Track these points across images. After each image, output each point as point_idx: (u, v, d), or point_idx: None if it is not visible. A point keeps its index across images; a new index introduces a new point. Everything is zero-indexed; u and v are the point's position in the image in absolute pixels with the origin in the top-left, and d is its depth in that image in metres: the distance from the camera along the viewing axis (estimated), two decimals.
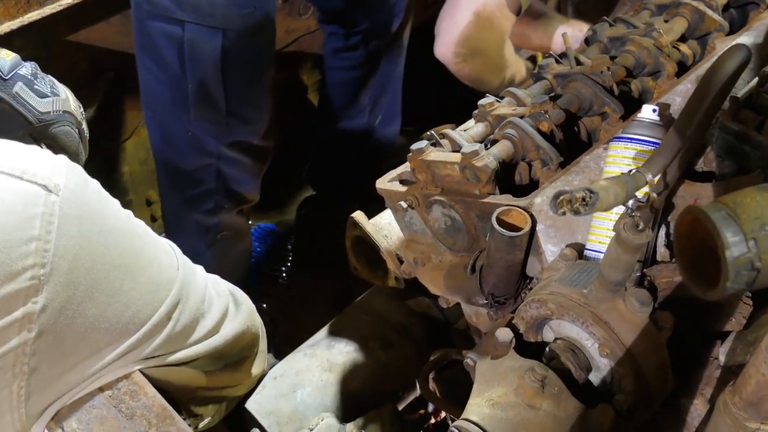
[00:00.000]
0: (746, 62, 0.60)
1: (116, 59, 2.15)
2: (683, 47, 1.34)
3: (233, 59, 1.72)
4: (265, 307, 2.39)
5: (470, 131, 1.22)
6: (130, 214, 0.89)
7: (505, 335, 0.94)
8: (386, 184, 1.26)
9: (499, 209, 1.01)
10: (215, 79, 1.73)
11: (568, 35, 1.32)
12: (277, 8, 1.79)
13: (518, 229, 1.00)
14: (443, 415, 1.56)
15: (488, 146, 1.14)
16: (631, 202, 0.70)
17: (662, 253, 1.00)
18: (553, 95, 1.22)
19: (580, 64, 1.28)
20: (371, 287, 1.59)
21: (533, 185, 1.13)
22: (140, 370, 0.92)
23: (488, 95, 1.28)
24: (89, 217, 0.79)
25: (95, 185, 0.83)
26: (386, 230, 1.39)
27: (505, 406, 0.88)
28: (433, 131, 1.20)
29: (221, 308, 1.02)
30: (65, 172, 0.78)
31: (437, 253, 1.22)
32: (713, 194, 1.00)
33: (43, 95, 1.05)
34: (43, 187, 0.75)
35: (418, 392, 1.47)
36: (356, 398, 1.39)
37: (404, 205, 1.20)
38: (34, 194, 0.74)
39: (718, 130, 1.10)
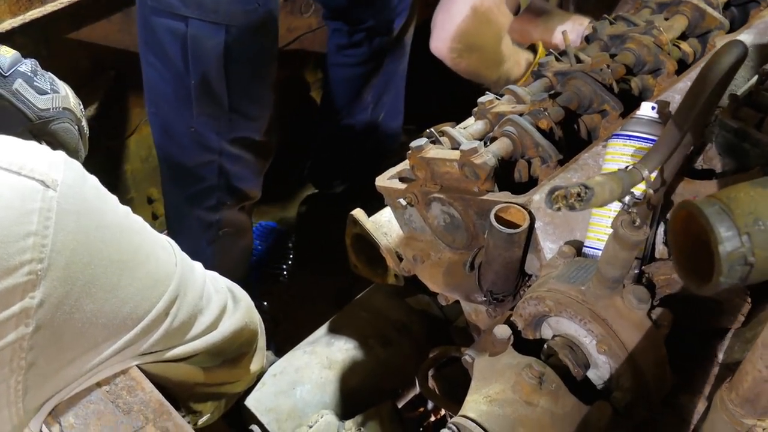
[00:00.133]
0: (742, 58, 0.60)
1: (117, 57, 2.15)
2: (684, 45, 1.34)
3: (236, 55, 1.72)
4: (265, 305, 2.39)
5: (470, 129, 1.22)
6: (128, 210, 0.89)
7: (503, 332, 0.94)
8: (386, 181, 1.26)
9: (497, 206, 1.01)
10: (218, 75, 1.73)
11: (568, 32, 1.32)
12: (279, 6, 1.80)
13: (517, 226, 1.00)
14: (443, 412, 1.56)
15: (487, 144, 1.14)
16: (627, 198, 0.70)
17: (661, 250, 1.00)
18: (552, 93, 1.22)
19: (580, 61, 1.28)
20: (371, 285, 1.60)
21: (532, 183, 1.13)
22: (138, 365, 0.92)
23: (488, 93, 1.28)
24: (87, 212, 0.79)
25: (93, 181, 0.84)
26: (386, 228, 1.39)
27: (502, 402, 0.88)
28: (432, 129, 1.21)
29: (219, 304, 1.02)
30: (63, 167, 0.78)
31: (436, 250, 1.22)
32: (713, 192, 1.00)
33: (42, 92, 1.05)
34: (40, 182, 0.75)
35: (417, 390, 1.47)
36: (355, 396, 1.39)
37: (403, 202, 1.20)
38: (31, 189, 0.74)
39: (717, 127, 1.10)
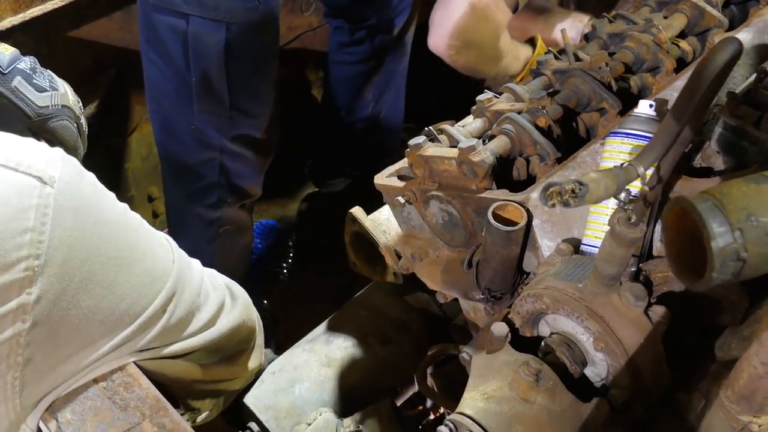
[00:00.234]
0: (737, 55, 0.60)
1: (118, 55, 2.15)
2: (683, 44, 1.34)
3: (237, 53, 1.73)
4: (265, 303, 2.39)
5: (468, 127, 1.22)
6: (125, 206, 0.89)
7: (500, 330, 0.94)
8: (384, 179, 1.26)
9: (495, 204, 1.01)
10: (219, 72, 1.73)
11: (567, 29, 1.32)
12: (280, 4, 1.80)
13: (514, 223, 1.00)
14: (442, 410, 1.56)
15: (486, 142, 1.14)
16: (623, 195, 0.70)
17: (658, 247, 1.00)
18: (551, 91, 1.22)
19: (578, 60, 1.28)
20: (370, 283, 1.60)
21: (531, 181, 1.13)
22: (135, 362, 0.92)
23: (487, 91, 1.28)
24: (84, 209, 0.80)
25: (91, 178, 0.84)
26: (385, 226, 1.39)
27: (499, 399, 0.88)
28: (431, 127, 1.21)
29: (217, 301, 1.02)
30: (60, 164, 0.79)
31: (435, 248, 1.22)
32: None
33: (41, 89, 1.06)
34: (38, 178, 0.75)
35: (416, 388, 1.47)
36: (354, 393, 1.39)
37: (402, 200, 1.20)
38: (29, 186, 0.75)
39: (716, 125, 1.10)
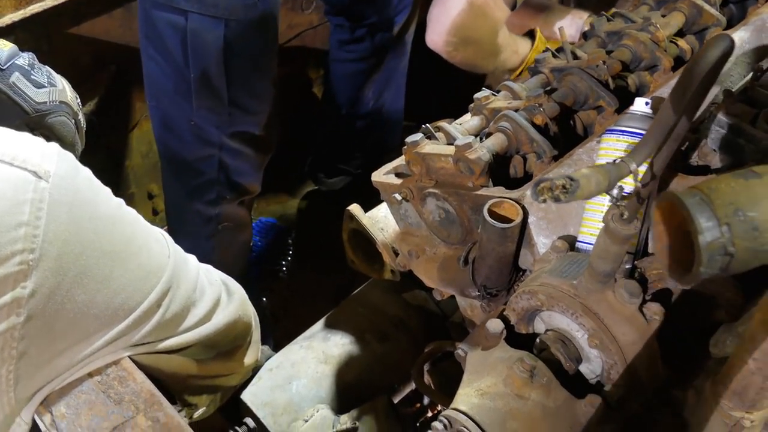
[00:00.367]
0: (729, 51, 0.60)
1: (118, 53, 2.16)
2: (681, 42, 1.34)
3: (236, 50, 1.73)
4: (264, 301, 2.40)
5: (465, 124, 1.22)
6: (121, 201, 0.89)
7: (495, 326, 0.94)
8: (382, 176, 1.26)
9: (490, 201, 1.01)
10: (218, 69, 1.74)
11: (567, 26, 1.32)
12: (280, 1, 1.80)
13: (510, 221, 1.00)
14: (439, 408, 1.56)
15: (483, 139, 1.14)
16: (615, 191, 0.70)
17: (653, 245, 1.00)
18: (548, 89, 1.22)
19: (576, 58, 1.28)
20: (368, 280, 1.60)
21: (528, 178, 1.13)
22: (130, 356, 0.93)
23: (485, 89, 1.28)
24: (79, 203, 0.80)
25: (86, 173, 0.84)
26: (382, 223, 1.39)
27: (493, 395, 0.88)
28: (428, 124, 1.21)
29: (213, 297, 1.02)
30: (56, 159, 0.79)
31: (431, 245, 1.23)
32: None
33: (39, 85, 1.06)
34: (33, 173, 0.75)
35: (414, 385, 1.48)
36: (352, 390, 1.40)
37: (399, 197, 1.20)
38: (23, 180, 0.75)
39: (712, 123, 1.10)
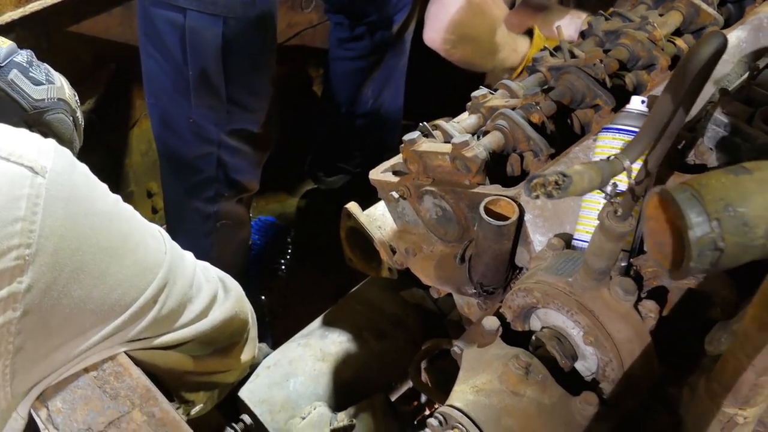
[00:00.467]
0: (722, 48, 0.60)
1: (118, 51, 2.16)
2: (678, 41, 1.34)
3: (234, 47, 1.73)
4: (263, 299, 2.40)
5: (463, 123, 1.23)
6: (118, 198, 0.90)
7: (491, 323, 0.95)
8: (379, 174, 1.27)
9: (487, 199, 1.02)
10: (216, 66, 1.74)
11: (566, 26, 1.32)
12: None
13: (506, 218, 1.00)
14: (437, 406, 1.56)
15: (480, 137, 1.15)
16: (609, 188, 0.70)
17: None
18: (545, 88, 1.22)
19: (574, 57, 1.28)
20: (366, 278, 1.60)
21: (525, 176, 1.14)
22: (126, 352, 0.93)
23: (482, 87, 1.28)
24: (76, 199, 0.80)
25: (83, 169, 0.84)
26: (380, 221, 1.39)
27: (489, 392, 0.89)
28: (425, 123, 1.21)
29: (210, 293, 1.02)
30: (52, 154, 0.79)
31: (428, 243, 1.23)
32: None
33: (38, 83, 1.06)
34: (29, 168, 0.76)
35: (412, 383, 1.48)
36: (349, 388, 1.40)
37: (396, 195, 1.20)
38: (20, 176, 0.75)
39: (709, 122, 1.10)
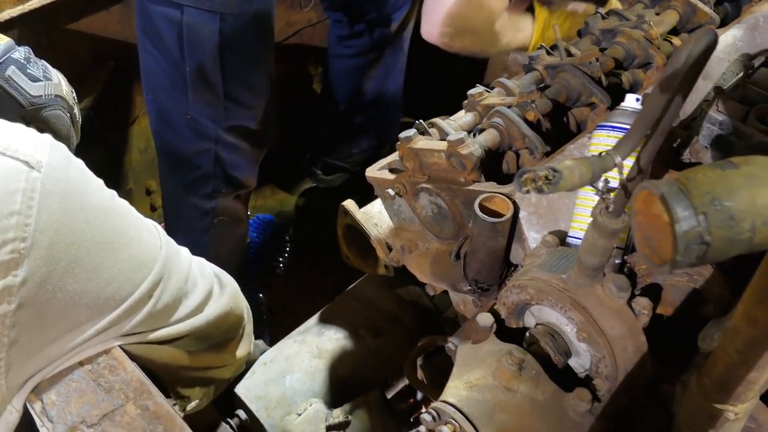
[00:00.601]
0: (713, 45, 0.61)
1: (117, 49, 2.17)
2: (675, 40, 1.35)
3: (231, 43, 1.74)
4: (261, 297, 2.41)
5: (459, 121, 1.23)
6: (113, 193, 0.90)
7: (485, 320, 0.95)
8: (375, 172, 1.27)
9: (481, 196, 1.02)
10: (213, 62, 1.75)
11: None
12: None
13: (501, 215, 1.01)
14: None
15: (476, 135, 1.15)
16: (601, 184, 0.70)
17: None
18: (541, 86, 1.23)
19: (570, 55, 1.29)
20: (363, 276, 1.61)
21: None
22: (121, 346, 0.94)
23: (478, 85, 1.28)
24: (71, 194, 0.80)
25: (78, 164, 0.85)
26: (377, 219, 1.39)
27: (482, 388, 0.89)
28: (421, 120, 1.22)
29: (205, 289, 1.03)
30: (48, 149, 0.80)
31: (424, 240, 1.23)
32: None
33: (35, 79, 1.07)
34: (25, 163, 0.76)
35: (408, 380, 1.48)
36: (345, 385, 1.40)
37: (392, 192, 1.21)
38: (15, 170, 0.76)
39: (704, 120, 1.11)
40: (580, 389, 0.88)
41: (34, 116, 1.07)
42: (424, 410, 1.60)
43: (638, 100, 0.98)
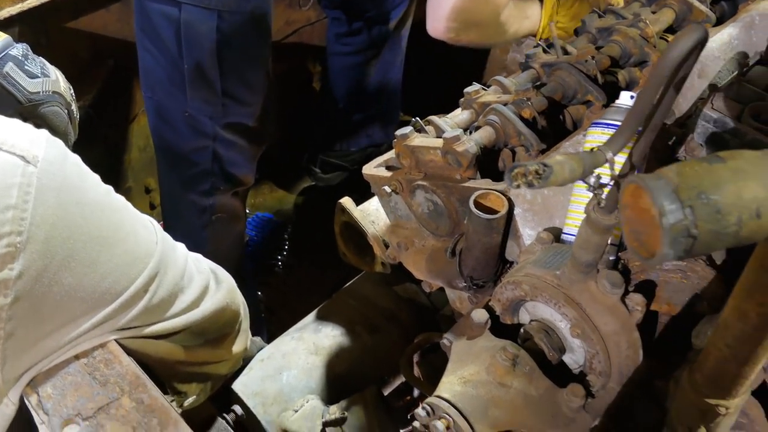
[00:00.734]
0: (703, 41, 0.61)
1: (116, 47, 2.17)
2: (671, 38, 1.35)
3: (229, 41, 1.75)
4: (260, 295, 2.41)
5: (455, 118, 1.24)
6: (109, 188, 0.90)
7: (480, 316, 0.96)
8: (372, 169, 1.27)
9: (477, 193, 1.02)
10: (211, 59, 1.76)
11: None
12: None
13: (496, 212, 1.01)
14: None
15: (472, 133, 1.16)
16: (592, 180, 0.71)
17: None
18: (537, 84, 1.23)
19: (566, 53, 1.29)
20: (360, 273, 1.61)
21: None
22: (116, 340, 0.94)
23: (475, 83, 1.29)
24: (67, 188, 0.81)
25: (75, 159, 0.85)
26: (373, 216, 1.40)
27: (476, 383, 0.90)
28: (418, 118, 1.22)
29: (201, 284, 1.03)
30: (44, 144, 0.80)
31: (420, 237, 1.24)
32: None
33: (33, 76, 1.07)
34: (21, 158, 0.77)
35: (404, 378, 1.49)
36: (342, 381, 1.40)
37: (388, 189, 1.21)
38: (12, 165, 0.76)
39: (699, 118, 1.11)
40: (573, 385, 0.89)
41: (31, 113, 1.07)
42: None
43: (632, 97, 0.99)
